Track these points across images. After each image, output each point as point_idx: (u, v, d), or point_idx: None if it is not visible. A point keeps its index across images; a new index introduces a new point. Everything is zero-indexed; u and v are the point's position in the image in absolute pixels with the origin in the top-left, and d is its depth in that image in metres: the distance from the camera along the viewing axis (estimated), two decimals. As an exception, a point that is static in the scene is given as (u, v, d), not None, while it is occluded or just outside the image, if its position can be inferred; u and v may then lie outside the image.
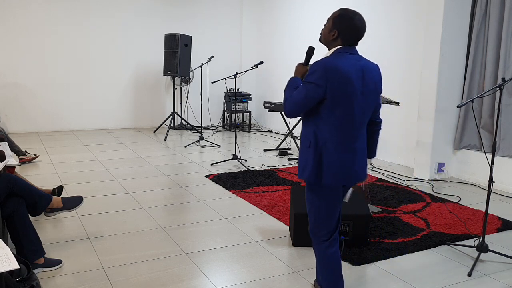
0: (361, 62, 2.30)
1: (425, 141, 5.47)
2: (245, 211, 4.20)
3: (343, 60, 2.24)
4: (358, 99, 2.25)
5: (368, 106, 2.32)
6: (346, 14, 2.32)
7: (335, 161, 2.26)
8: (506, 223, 4.02)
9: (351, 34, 2.30)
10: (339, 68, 2.20)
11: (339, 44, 2.32)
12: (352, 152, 2.29)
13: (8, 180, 2.92)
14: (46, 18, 7.77)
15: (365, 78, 2.27)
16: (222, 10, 9.13)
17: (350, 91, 2.22)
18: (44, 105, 7.96)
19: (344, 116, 2.24)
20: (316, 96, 2.21)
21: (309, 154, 2.30)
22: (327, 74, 2.19)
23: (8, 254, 1.93)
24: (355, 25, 2.29)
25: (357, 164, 2.33)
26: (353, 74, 2.22)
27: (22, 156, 5.72)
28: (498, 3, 5.00)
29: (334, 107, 2.23)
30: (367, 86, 2.28)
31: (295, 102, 2.27)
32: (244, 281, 2.90)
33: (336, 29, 2.32)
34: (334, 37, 2.32)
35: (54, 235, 3.56)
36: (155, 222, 3.87)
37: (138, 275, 2.94)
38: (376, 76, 2.35)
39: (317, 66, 2.22)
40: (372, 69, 2.33)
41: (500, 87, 3.15)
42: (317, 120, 2.28)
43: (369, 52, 6.54)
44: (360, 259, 3.22)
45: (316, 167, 2.28)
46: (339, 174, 2.28)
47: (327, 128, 2.26)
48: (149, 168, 5.70)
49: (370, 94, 2.31)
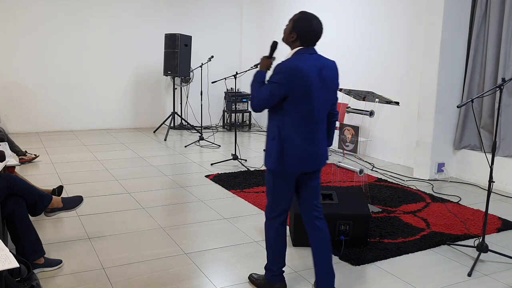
0: (319, 61, 2.51)
1: (425, 141, 5.47)
2: (245, 211, 4.20)
3: (302, 61, 2.46)
4: (317, 96, 2.48)
5: (327, 101, 2.56)
6: (304, 18, 2.51)
7: (297, 151, 2.51)
8: (506, 223, 4.02)
9: (309, 37, 2.50)
10: (299, 69, 2.43)
11: (298, 45, 2.53)
12: (312, 143, 2.54)
13: (8, 180, 2.92)
14: (46, 18, 7.77)
15: (323, 76, 2.49)
16: (222, 10, 9.13)
17: (310, 89, 2.45)
18: (44, 105, 7.96)
19: (305, 111, 2.49)
20: (279, 94, 2.45)
21: (273, 145, 2.54)
22: (289, 74, 2.42)
23: (8, 254, 1.93)
24: (312, 28, 2.49)
25: (317, 154, 2.57)
26: (312, 73, 2.45)
27: (22, 156, 5.72)
28: (498, 3, 5.00)
29: (295, 104, 2.47)
30: (325, 83, 2.51)
31: (261, 99, 2.50)
32: (244, 281, 2.90)
33: (295, 31, 2.51)
34: (293, 39, 2.53)
35: (54, 235, 3.56)
36: (155, 222, 3.87)
37: (138, 275, 2.94)
38: (333, 72, 2.56)
39: (280, 67, 2.45)
40: (329, 67, 2.54)
41: (500, 87, 3.15)
42: (281, 115, 2.51)
43: (369, 52, 6.56)
44: (360, 259, 3.22)
45: (279, 157, 2.52)
46: (299, 162, 2.53)
47: (289, 122, 2.50)
48: (149, 168, 5.70)
49: (328, 89, 2.54)
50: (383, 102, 4.13)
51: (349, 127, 4.26)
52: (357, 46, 6.79)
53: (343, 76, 7.29)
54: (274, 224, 2.70)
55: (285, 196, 2.63)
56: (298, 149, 2.50)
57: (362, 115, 4.18)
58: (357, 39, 6.77)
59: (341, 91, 4.45)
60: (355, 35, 6.82)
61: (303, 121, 2.49)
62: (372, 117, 4.08)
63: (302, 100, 2.46)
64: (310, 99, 2.46)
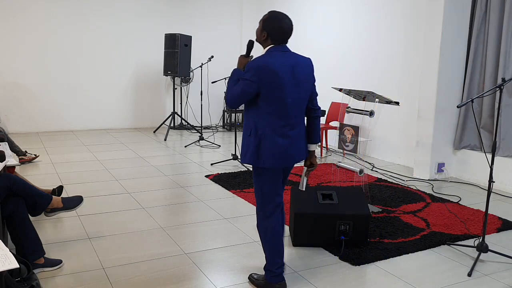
0: (291, 58, 2.59)
1: (425, 141, 5.47)
2: (245, 211, 4.20)
3: (273, 59, 2.54)
4: (289, 92, 2.55)
5: (301, 97, 2.62)
6: (274, 17, 2.60)
7: (273, 146, 2.57)
8: (506, 223, 4.02)
9: (279, 35, 2.58)
10: (270, 66, 2.50)
11: (270, 44, 2.61)
12: (288, 138, 2.60)
13: (8, 180, 2.92)
14: (46, 18, 7.77)
15: (295, 72, 2.56)
16: (222, 10, 9.13)
17: (281, 85, 2.52)
18: (44, 105, 7.96)
19: (278, 107, 2.55)
20: (251, 91, 2.52)
21: (250, 141, 2.61)
22: (259, 71, 2.50)
23: (8, 254, 1.93)
24: (282, 27, 2.57)
25: (293, 149, 2.63)
26: (283, 70, 2.52)
27: (22, 156, 5.72)
28: (498, 3, 5.00)
29: (268, 100, 2.54)
30: (298, 79, 2.58)
31: (234, 95, 2.57)
32: (244, 281, 2.90)
33: (266, 31, 2.59)
34: (264, 37, 2.61)
35: (54, 235, 3.56)
36: (155, 222, 3.87)
37: (138, 275, 2.94)
38: (307, 69, 2.64)
39: (251, 65, 2.53)
40: (302, 63, 2.62)
41: (500, 87, 3.15)
42: (256, 111, 2.59)
43: (369, 52, 6.56)
44: (360, 259, 3.22)
45: (256, 152, 2.58)
46: (276, 157, 2.58)
47: (264, 118, 2.57)
48: (149, 168, 5.70)
49: (302, 85, 2.60)
50: (383, 102, 4.13)
51: (349, 127, 4.26)
52: (357, 46, 6.79)
53: (343, 76, 7.34)
54: (270, 224, 2.73)
55: (276, 193, 2.70)
56: (274, 144, 2.57)
57: (362, 115, 4.18)
58: (357, 39, 6.77)
59: (341, 91, 4.45)
60: (355, 35, 6.82)
61: (277, 117, 2.56)
62: (372, 117, 4.08)
63: (275, 96, 2.53)
64: (282, 95, 2.53)
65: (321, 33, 7.53)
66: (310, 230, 3.39)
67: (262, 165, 2.59)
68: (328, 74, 7.41)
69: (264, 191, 2.69)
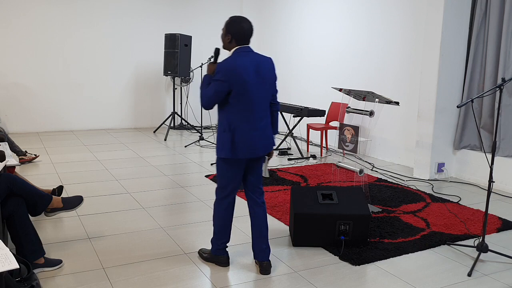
0: (255, 58, 2.85)
1: (425, 141, 5.47)
2: (245, 211, 4.18)
3: (239, 59, 2.79)
4: (255, 89, 2.81)
5: (265, 93, 2.89)
6: (235, 20, 2.85)
7: (245, 140, 2.83)
8: (506, 223, 4.02)
9: (241, 35, 2.83)
10: (236, 66, 2.76)
11: (235, 46, 2.85)
12: (257, 130, 2.87)
13: (8, 180, 2.92)
14: (46, 19, 7.77)
15: (259, 71, 2.83)
16: (222, 10, 9.13)
17: (247, 83, 2.78)
18: (44, 105, 7.96)
19: (246, 103, 2.81)
20: (222, 90, 2.77)
21: (224, 136, 2.85)
22: (227, 71, 2.75)
23: (8, 254, 1.93)
24: (243, 27, 2.82)
25: (263, 140, 2.92)
26: (248, 69, 2.78)
27: (22, 156, 5.72)
28: (498, 3, 5.00)
29: (237, 97, 2.79)
30: (262, 77, 2.85)
31: (209, 96, 2.81)
32: (244, 281, 2.90)
33: (230, 33, 2.84)
34: (229, 40, 2.86)
35: (54, 235, 3.56)
36: (155, 222, 3.87)
37: (138, 275, 2.94)
38: (269, 67, 2.91)
39: (220, 66, 2.79)
40: (265, 62, 2.89)
41: (500, 87, 3.15)
42: (227, 109, 2.84)
43: (369, 52, 6.56)
44: (360, 259, 3.22)
45: (230, 146, 2.83)
46: (249, 149, 2.85)
47: (235, 114, 2.82)
48: (149, 168, 5.71)
49: (266, 83, 2.88)
50: (383, 102, 4.13)
51: (349, 127, 4.26)
52: (357, 46, 6.79)
53: (343, 76, 7.33)
54: (223, 204, 3.01)
55: (235, 179, 2.95)
56: (246, 137, 2.83)
57: (362, 115, 4.18)
58: (357, 39, 6.77)
59: (341, 91, 4.45)
60: (355, 35, 6.82)
61: (246, 112, 2.82)
62: (372, 117, 4.08)
63: (242, 94, 2.79)
64: (248, 93, 2.79)
65: (321, 33, 7.53)
66: (310, 230, 3.39)
67: (236, 157, 2.84)
68: (328, 74, 7.42)
69: (225, 177, 2.95)
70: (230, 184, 2.96)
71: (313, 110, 6.47)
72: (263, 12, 9.11)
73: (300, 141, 7.58)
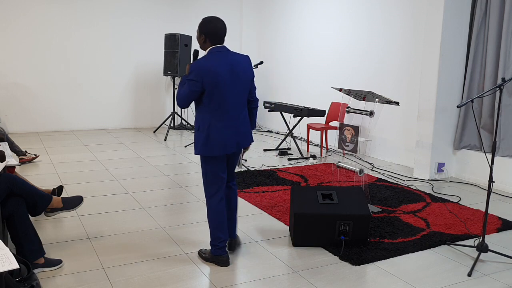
0: (230, 57, 2.92)
1: (425, 141, 5.47)
2: (245, 211, 4.20)
3: (213, 59, 2.86)
4: (228, 88, 2.88)
5: (241, 91, 2.96)
6: (207, 21, 2.92)
7: (220, 137, 2.91)
8: (506, 223, 4.02)
9: (215, 35, 2.89)
10: (209, 66, 2.83)
11: (210, 45, 2.92)
12: (232, 128, 2.94)
13: (8, 180, 2.92)
14: (46, 18, 7.77)
15: (234, 70, 2.89)
16: (222, 10, 9.13)
17: (220, 83, 2.84)
18: (44, 105, 7.96)
19: (220, 102, 2.88)
20: (196, 89, 2.84)
21: (200, 134, 2.93)
22: (200, 71, 2.82)
23: (8, 254, 1.93)
24: (215, 27, 2.89)
25: (238, 137, 2.99)
26: (222, 68, 2.85)
27: (22, 156, 5.72)
28: (498, 3, 5.00)
29: (211, 96, 2.86)
30: (236, 76, 2.90)
31: (182, 95, 2.89)
32: (244, 281, 2.90)
33: (203, 33, 2.91)
34: (203, 41, 2.93)
35: (54, 235, 3.56)
36: (155, 222, 3.87)
37: (138, 275, 2.94)
38: (245, 66, 2.98)
39: (193, 66, 2.85)
40: (240, 61, 2.95)
41: (500, 87, 3.15)
42: (202, 108, 2.92)
43: (369, 51, 6.56)
44: (360, 259, 3.22)
45: (206, 144, 2.91)
46: (224, 146, 2.93)
47: (209, 113, 2.90)
48: (149, 168, 5.71)
49: (241, 81, 2.94)
50: (383, 102, 4.13)
51: (349, 127, 4.26)
52: (357, 46, 6.79)
53: (343, 76, 7.33)
54: (213, 203, 3.06)
55: (218, 176, 3.02)
56: (220, 135, 2.91)
57: (362, 115, 4.18)
58: (357, 39, 6.77)
59: (341, 91, 4.45)
60: (355, 35, 6.82)
61: (221, 111, 2.89)
62: (372, 117, 4.08)
63: (216, 92, 2.85)
64: (222, 92, 2.86)
65: (321, 33, 7.53)
66: (310, 230, 3.39)
67: (211, 154, 2.93)
68: (328, 74, 7.42)
69: (208, 175, 3.03)
70: (218, 181, 3.04)
71: (313, 110, 6.48)
72: (263, 12, 9.11)
73: (300, 141, 7.58)
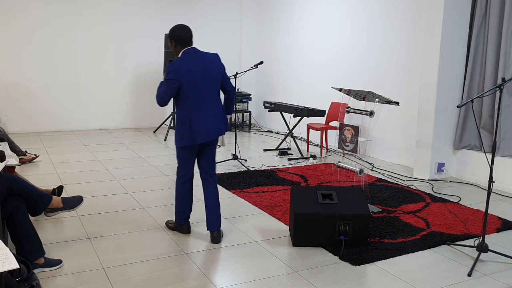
0: (201, 56, 3.31)
1: (425, 141, 5.47)
2: (245, 211, 4.20)
3: (186, 59, 3.27)
4: (202, 83, 3.26)
5: (213, 85, 3.34)
6: (173, 28, 3.33)
7: (199, 128, 3.29)
8: (506, 223, 4.02)
9: (183, 39, 3.30)
10: (183, 65, 3.23)
11: (181, 49, 3.31)
12: (209, 118, 3.33)
13: (8, 180, 2.92)
14: (46, 18, 7.77)
15: (206, 67, 3.28)
16: (222, 10, 9.14)
17: (194, 79, 3.23)
18: (44, 105, 7.96)
19: (195, 97, 3.27)
20: (173, 86, 3.22)
21: (181, 129, 3.31)
22: (175, 70, 3.21)
23: (8, 254, 1.93)
24: (181, 32, 3.29)
25: (215, 126, 3.38)
26: (194, 66, 3.24)
27: (22, 156, 5.72)
28: (498, 3, 5.00)
29: (187, 93, 3.25)
30: (208, 72, 3.29)
31: (161, 94, 3.26)
32: (244, 281, 2.90)
33: (173, 39, 3.32)
34: (174, 46, 3.34)
35: (54, 235, 3.56)
36: (155, 222, 3.87)
37: (138, 275, 2.94)
38: (215, 62, 3.36)
39: (169, 67, 3.25)
40: (210, 59, 3.34)
41: (500, 87, 3.15)
42: (181, 104, 3.31)
43: (369, 52, 6.56)
44: (360, 259, 3.22)
45: (189, 136, 3.29)
46: (204, 135, 3.32)
47: (188, 108, 3.28)
48: (149, 168, 5.71)
49: (212, 76, 3.32)
50: (383, 102, 4.13)
51: (349, 127, 4.26)
52: (356, 46, 6.79)
53: (343, 76, 7.32)
54: (180, 181, 3.53)
55: (188, 161, 3.47)
56: (200, 126, 3.29)
57: (362, 115, 4.18)
58: (357, 39, 6.77)
59: (341, 91, 4.45)
60: (355, 35, 6.82)
61: (198, 104, 3.28)
62: (372, 117, 4.08)
63: (192, 88, 3.23)
64: (196, 87, 3.24)
65: (321, 33, 7.53)
66: (310, 230, 3.39)
67: (195, 143, 3.31)
68: (328, 74, 7.42)
69: (181, 160, 3.48)
70: (186, 165, 3.48)
71: (313, 110, 6.47)
72: (264, 12, 9.11)
73: (300, 141, 7.58)
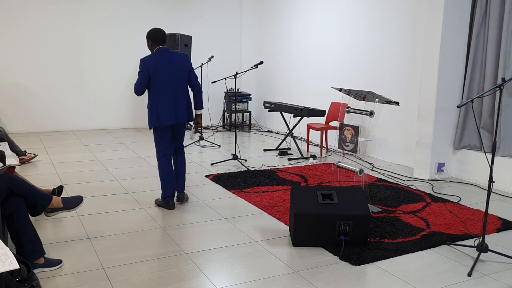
0: (169, 54, 4.03)
1: (425, 141, 5.47)
2: (245, 211, 4.20)
3: (156, 56, 4.00)
4: (165, 76, 4.00)
5: (177, 79, 4.05)
6: (150, 31, 4.05)
7: (165, 113, 4.02)
8: (506, 223, 4.02)
9: (156, 39, 4.03)
10: (151, 60, 3.98)
11: (154, 47, 4.04)
12: (171, 105, 4.04)
13: (8, 180, 2.92)
14: (46, 18, 7.77)
15: (170, 63, 4.01)
16: (222, 10, 9.14)
17: (159, 72, 3.98)
18: (44, 105, 7.96)
19: (161, 88, 4.01)
20: (145, 77, 3.99)
21: (151, 113, 4.05)
22: (144, 64, 3.98)
23: (8, 254, 1.93)
24: (156, 33, 4.02)
25: (178, 111, 4.08)
26: (161, 62, 3.98)
27: (22, 156, 5.71)
28: (498, 3, 5.00)
29: (154, 83, 4.00)
30: (173, 68, 4.02)
31: (136, 85, 4.03)
32: (244, 281, 2.90)
33: (149, 39, 4.05)
34: (150, 44, 4.06)
35: (54, 235, 3.56)
36: (155, 222, 3.87)
37: (138, 275, 2.94)
38: (181, 60, 4.08)
39: (141, 61, 4.00)
40: (178, 57, 4.07)
41: (500, 87, 3.15)
42: (150, 93, 4.05)
43: (369, 52, 6.56)
44: (360, 259, 3.22)
45: (157, 119, 4.03)
46: (168, 119, 4.03)
47: (156, 96, 4.03)
48: (149, 168, 5.70)
49: (176, 71, 4.04)
50: (383, 102, 4.13)
51: (349, 127, 4.26)
52: (357, 46, 6.79)
53: (343, 76, 7.33)
54: (162, 161, 4.15)
55: (165, 142, 4.13)
56: (165, 111, 4.00)
57: (362, 115, 4.18)
58: (357, 39, 6.78)
59: (341, 91, 4.45)
60: (355, 35, 6.82)
61: (162, 93, 4.00)
62: (372, 117, 4.08)
63: (158, 81, 3.98)
64: (162, 79, 3.98)
65: (322, 33, 7.53)
66: (310, 230, 3.39)
67: (160, 125, 4.01)
68: (328, 74, 7.42)
69: (157, 142, 4.14)
70: (163, 146, 4.12)
71: (313, 110, 6.48)
72: (264, 12, 9.11)
73: (300, 141, 7.58)
